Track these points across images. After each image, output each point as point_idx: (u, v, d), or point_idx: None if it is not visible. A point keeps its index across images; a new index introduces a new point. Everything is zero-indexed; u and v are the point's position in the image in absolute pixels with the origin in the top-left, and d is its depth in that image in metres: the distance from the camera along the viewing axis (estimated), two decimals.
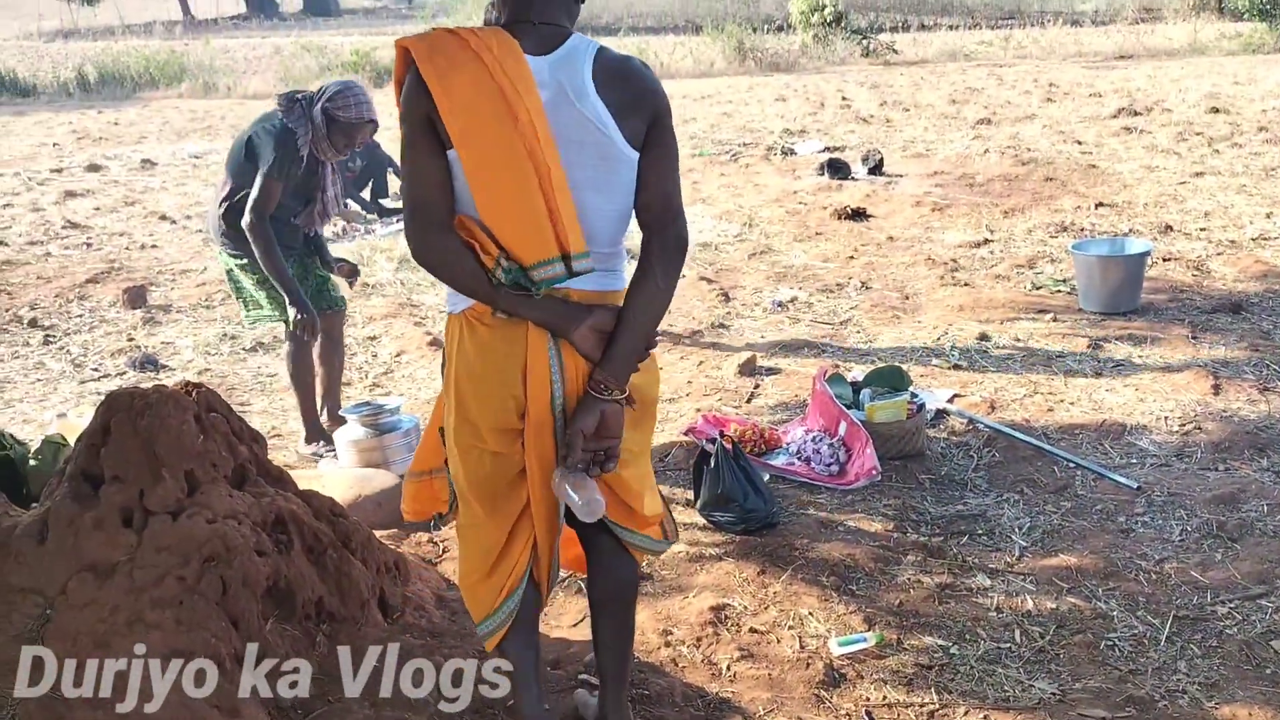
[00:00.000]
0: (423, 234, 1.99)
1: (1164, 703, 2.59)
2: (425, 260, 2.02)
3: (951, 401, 4.47)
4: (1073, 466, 3.86)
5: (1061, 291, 5.93)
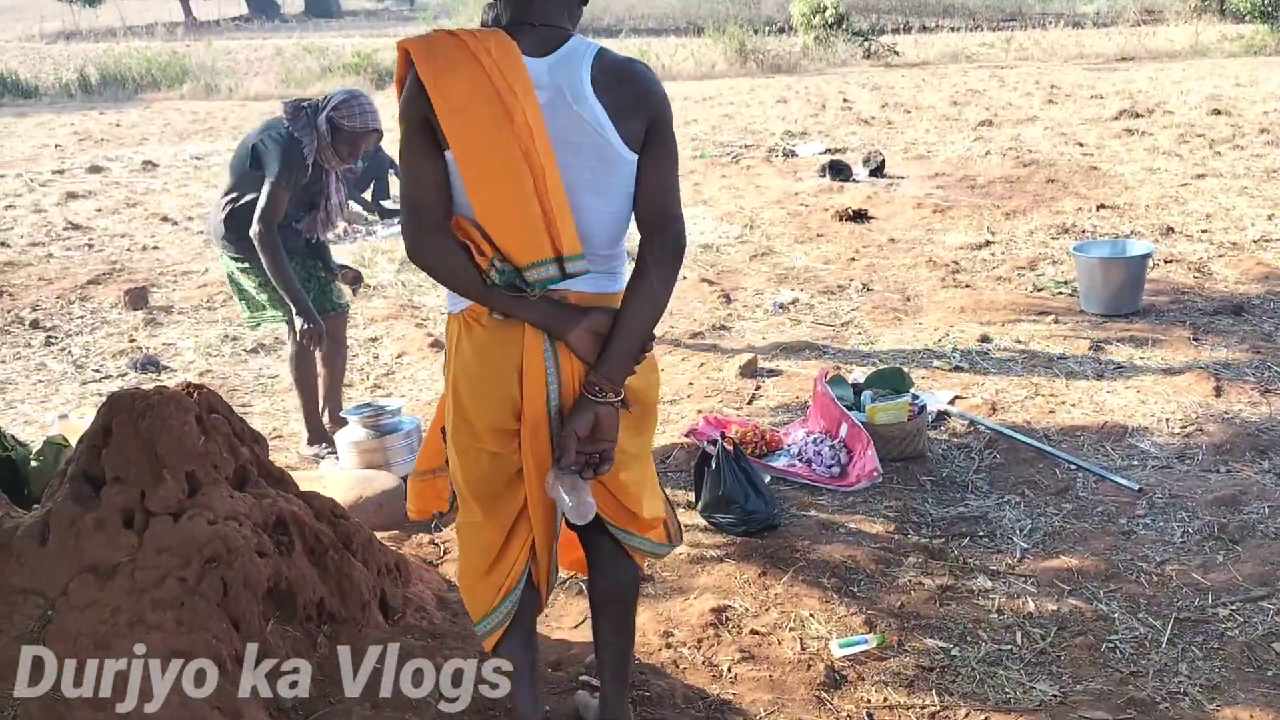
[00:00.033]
0: (419, 234, 1.99)
1: (1165, 705, 2.59)
2: (421, 260, 2.02)
3: (953, 403, 4.47)
4: (1074, 468, 3.85)
5: (1063, 293, 5.93)
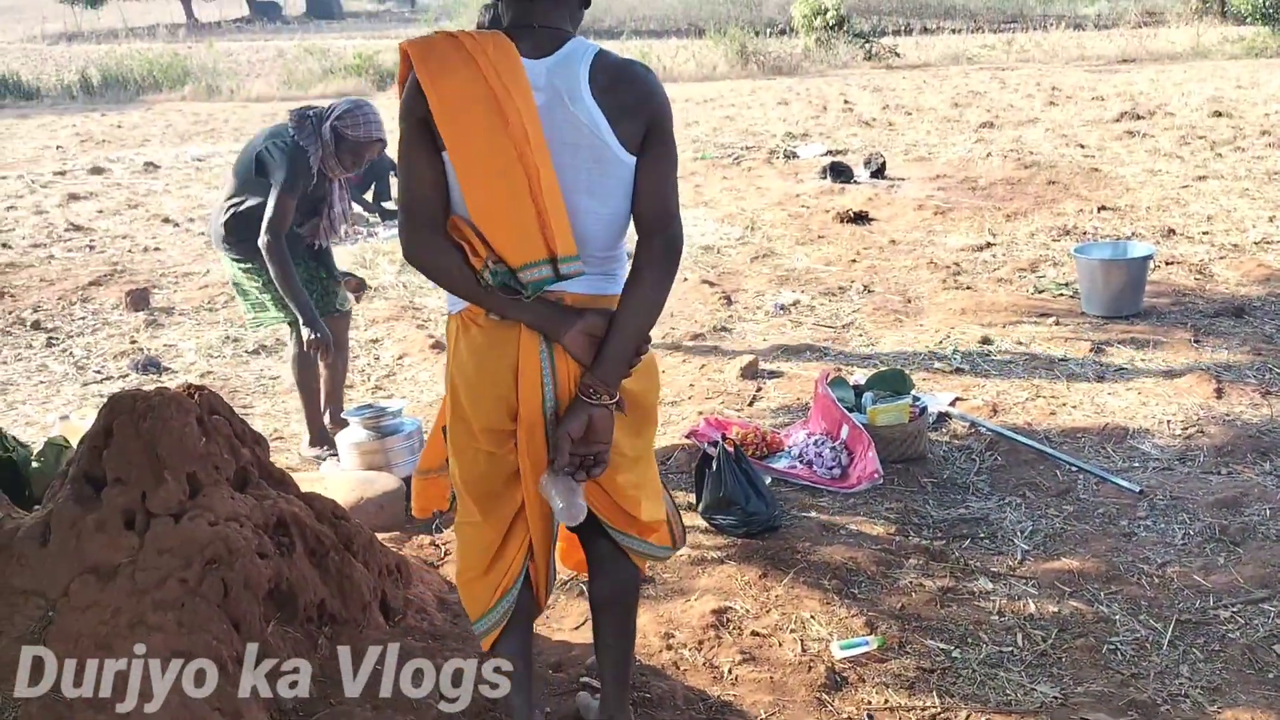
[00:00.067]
0: (415, 234, 2.00)
1: (1166, 707, 2.59)
2: (416, 260, 2.03)
3: (953, 405, 4.47)
4: (1075, 470, 3.85)
5: (1064, 295, 5.93)
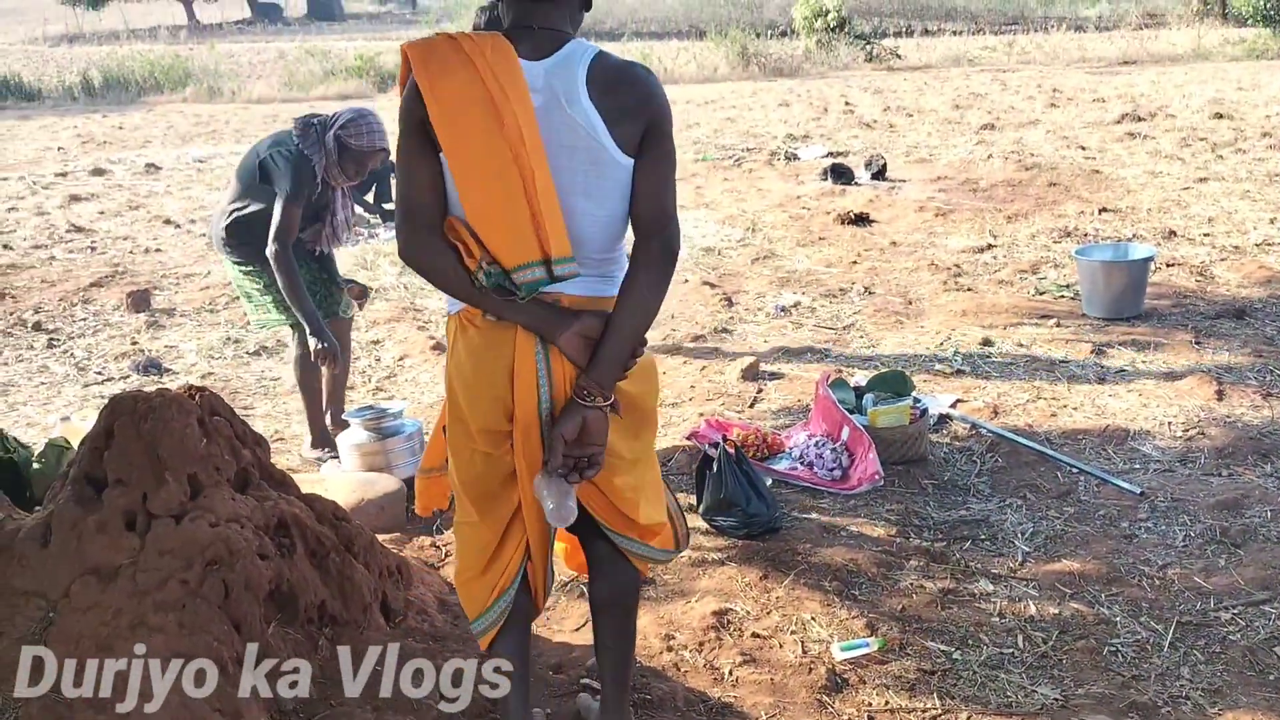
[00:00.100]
0: (411, 234, 2.01)
1: (1167, 709, 2.59)
2: (411, 260, 2.03)
3: (954, 407, 4.47)
4: (1076, 472, 3.85)
5: (1065, 297, 5.93)
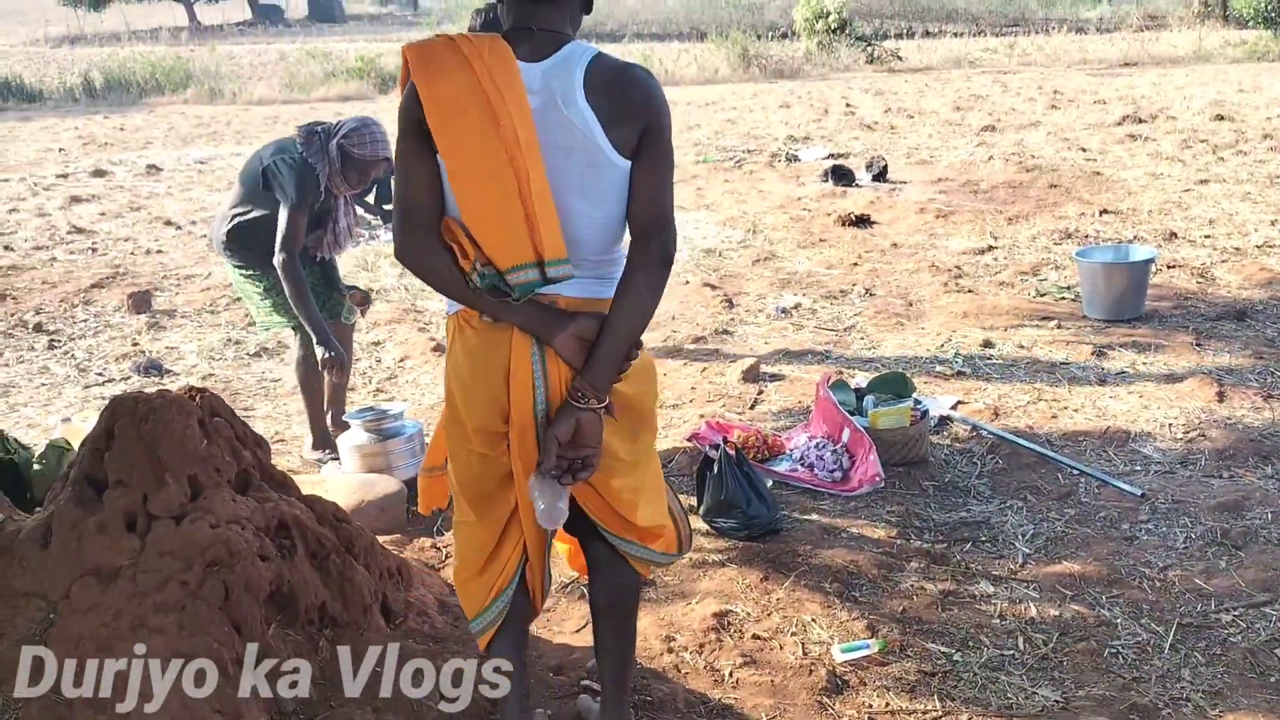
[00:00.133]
0: (408, 235, 2.01)
1: (1168, 710, 2.59)
2: (408, 261, 2.04)
3: (955, 408, 4.47)
4: (1076, 473, 3.85)
5: (1066, 298, 5.93)
